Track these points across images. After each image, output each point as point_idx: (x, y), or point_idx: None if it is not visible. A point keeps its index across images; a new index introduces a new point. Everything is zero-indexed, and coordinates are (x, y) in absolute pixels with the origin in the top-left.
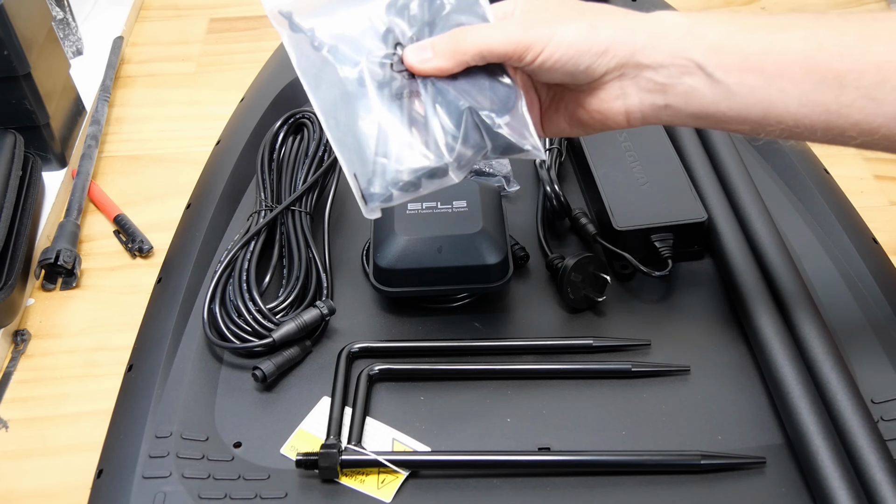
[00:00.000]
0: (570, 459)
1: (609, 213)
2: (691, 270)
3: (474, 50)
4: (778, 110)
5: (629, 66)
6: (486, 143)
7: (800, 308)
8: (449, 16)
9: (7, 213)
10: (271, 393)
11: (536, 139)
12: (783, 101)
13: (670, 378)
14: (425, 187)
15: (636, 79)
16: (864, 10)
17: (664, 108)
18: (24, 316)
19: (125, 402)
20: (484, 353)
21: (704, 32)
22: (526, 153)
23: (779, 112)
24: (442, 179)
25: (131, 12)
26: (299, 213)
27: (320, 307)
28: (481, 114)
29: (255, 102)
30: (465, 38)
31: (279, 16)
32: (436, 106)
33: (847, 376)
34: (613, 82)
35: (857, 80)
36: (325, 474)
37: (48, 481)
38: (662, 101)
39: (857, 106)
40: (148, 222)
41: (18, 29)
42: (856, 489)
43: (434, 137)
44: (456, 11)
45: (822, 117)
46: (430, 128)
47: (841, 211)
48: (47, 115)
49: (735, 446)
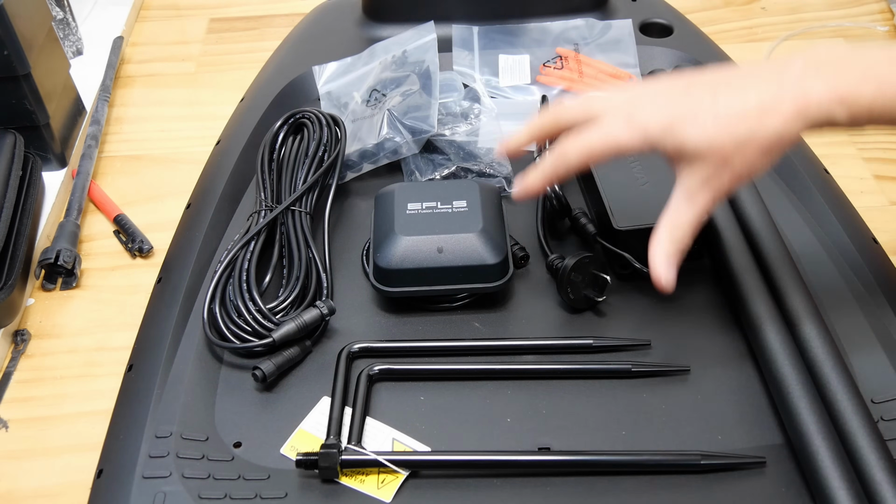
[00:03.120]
0: (570, 459)
1: (609, 213)
2: (691, 270)
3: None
4: None
5: None
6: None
7: (800, 308)
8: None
9: (7, 213)
10: (271, 393)
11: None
12: None
13: (670, 378)
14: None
15: None
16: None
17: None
18: (24, 316)
19: (125, 402)
20: (484, 353)
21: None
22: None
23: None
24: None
25: (131, 12)
26: (299, 213)
27: (320, 307)
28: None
29: (255, 102)
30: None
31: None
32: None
33: (847, 376)
34: None
35: None
36: (325, 474)
37: (48, 481)
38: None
39: None
40: (148, 222)
41: (18, 29)
42: (856, 489)
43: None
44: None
45: None
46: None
47: (841, 211)
48: (47, 115)
49: (735, 446)
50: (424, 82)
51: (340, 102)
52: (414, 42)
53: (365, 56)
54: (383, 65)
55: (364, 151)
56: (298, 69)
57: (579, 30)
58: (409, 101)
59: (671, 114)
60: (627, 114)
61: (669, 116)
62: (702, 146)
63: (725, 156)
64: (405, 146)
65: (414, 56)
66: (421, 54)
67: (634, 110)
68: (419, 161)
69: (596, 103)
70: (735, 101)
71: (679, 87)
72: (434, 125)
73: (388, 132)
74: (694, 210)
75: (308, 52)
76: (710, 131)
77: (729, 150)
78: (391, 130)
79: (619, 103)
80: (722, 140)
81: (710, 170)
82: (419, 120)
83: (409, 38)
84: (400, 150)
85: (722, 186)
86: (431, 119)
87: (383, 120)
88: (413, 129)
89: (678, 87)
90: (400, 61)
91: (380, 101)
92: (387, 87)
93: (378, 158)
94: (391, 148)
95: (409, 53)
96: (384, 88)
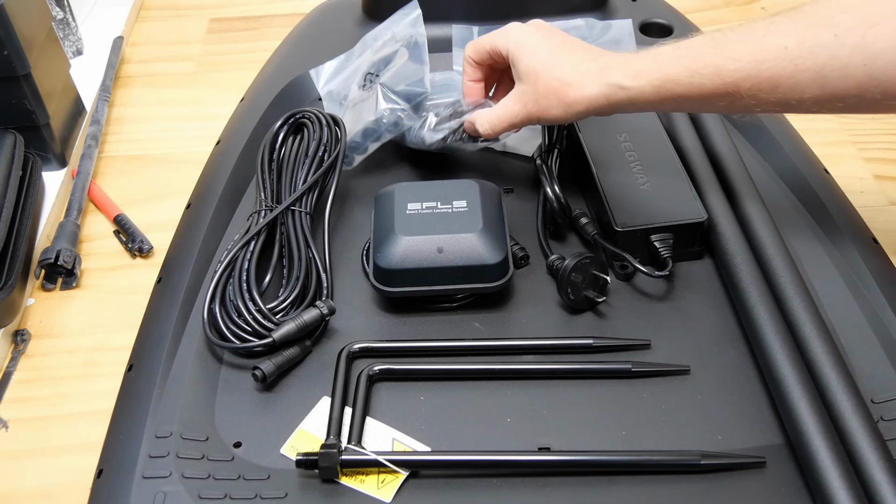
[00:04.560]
0: (570, 459)
1: (609, 213)
2: (691, 270)
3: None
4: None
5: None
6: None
7: (800, 308)
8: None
9: (7, 213)
10: (271, 393)
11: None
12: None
13: (670, 378)
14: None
15: None
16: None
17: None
18: (24, 316)
19: (125, 402)
20: (484, 353)
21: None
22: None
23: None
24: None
25: (131, 12)
26: (299, 213)
27: (320, 307)
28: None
29: (255, 102)
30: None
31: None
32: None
33: (847, 376)
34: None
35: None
36: (325, 474)
37: (48, 481)
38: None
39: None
40: (148, 222)
41: (18, 29)
42: (856, 489)
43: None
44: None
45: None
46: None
47: (841, 211)
48: (47, 115)
49: (735, 446)
50: (413, 52)
51: (341, 96)
52: (400, 22)
53: (357, 49)
54: (374, 50)
55: (366, 131)
56: (298, 69)
57: (579, 30)
58: (400, 70)
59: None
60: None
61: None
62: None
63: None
64: (405, 116)
65: (402, 33)
66: (408, 30)
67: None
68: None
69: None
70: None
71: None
72: (427, 87)
73: (385, 105)
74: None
75: (308, 52)
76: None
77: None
78: (387, 102)
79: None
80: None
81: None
82: (412, 85)
83: (395, 19)
84: (401, 122)
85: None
86: (423, 82)
87: (378, 95)
88: (408, 95)
89: (553, 34)
90: (390, 43)
91: (374, 82)
92: (379, 68)
93: (381, 134)
94: (391, 121)
95: (398, 33)
96: (377, 70)
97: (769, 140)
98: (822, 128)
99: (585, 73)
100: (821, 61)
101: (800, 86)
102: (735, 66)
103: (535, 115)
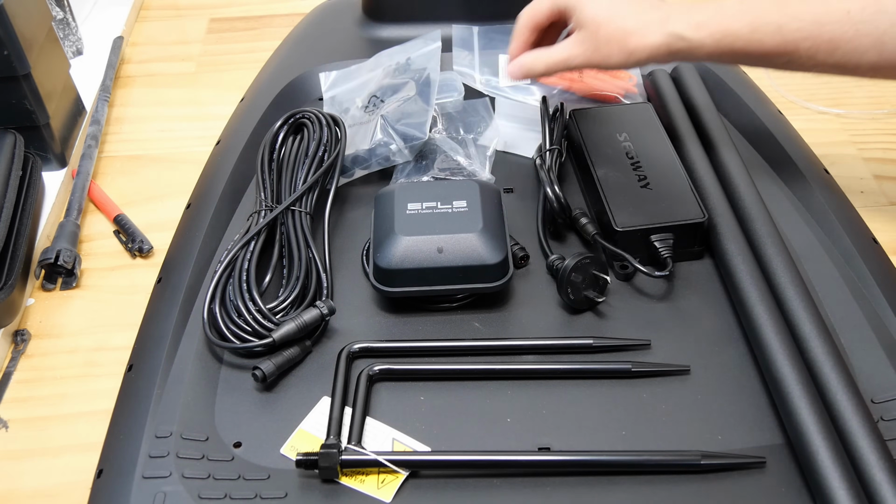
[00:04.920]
0: (570, 459)
1: (609, 213)
2: (691, 270)
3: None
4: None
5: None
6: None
7: (800, 308)
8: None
9: (7, 213)
10: (271, 393)
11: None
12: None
13: (670, 378)
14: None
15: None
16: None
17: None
18: (24, 316)
19: (125, 402)
20: (484, 353)
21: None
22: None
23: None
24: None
25: (131, 12)
26: (299, 213)
27: (320, 307)
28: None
29: (255, 102)
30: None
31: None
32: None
33: (847, 376)
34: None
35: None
36: (325, 474)
37: (48, 481)
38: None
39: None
40: (148, 222)
41: (18, 29)
42: (856, 489)
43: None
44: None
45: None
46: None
47: (841, 211)
48: (47, 115)
49: (735, 446)
50: (422, 89)
51: (343, 108)
52: (419, 50)
53: (370, 63)
54: (385, 71)
55: (357, 157)
56: (298, 69)
57: None
58: (404, 107)
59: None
60: None
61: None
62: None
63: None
64: (398, 154)
65: (417, 63)
66: (424, 62)
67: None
68: (410, 168)
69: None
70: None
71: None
72: (426, 133)
73: (381, 137)
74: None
75: (308, 52)
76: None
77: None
78: (384, 136)
79: None
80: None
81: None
82: (412, 126)
83: (414, 45)
84: (392, 157)
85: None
86: (424, 126)
87: (376, 126)
88: (405, 136)
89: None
90: (402, 68)
91: (377, 108)
92: (386, 94)
93: (370, 164)
94: (383, 154)
95: (413, 61)
96: (383, 95)
97: (769, 140)
98: (823, 128)
99: (648, 23)
100: (882, 27)
101: (858, 50)
102: (796, 26)
103: (594, 62)
